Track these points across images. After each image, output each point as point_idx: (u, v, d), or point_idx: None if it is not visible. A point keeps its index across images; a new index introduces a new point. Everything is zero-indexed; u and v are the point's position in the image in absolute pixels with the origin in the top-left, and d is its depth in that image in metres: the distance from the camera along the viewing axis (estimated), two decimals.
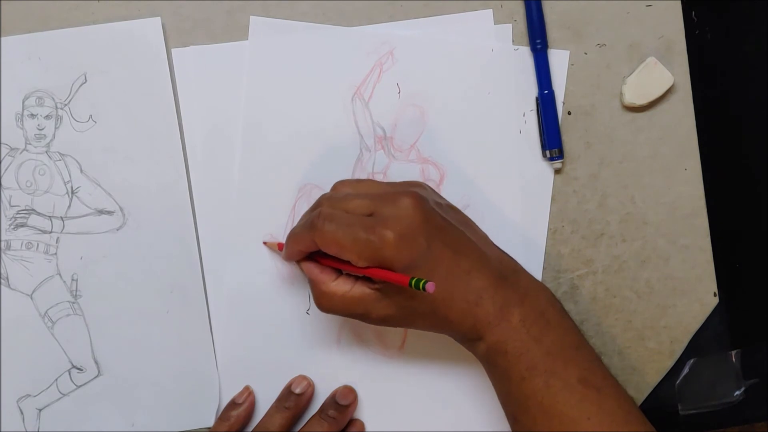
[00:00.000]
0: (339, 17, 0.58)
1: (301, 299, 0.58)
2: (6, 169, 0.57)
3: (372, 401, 0.58)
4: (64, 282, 0.57)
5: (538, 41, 0.57)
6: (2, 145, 0.57)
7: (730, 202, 0.59)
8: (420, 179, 0.58)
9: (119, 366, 0.57)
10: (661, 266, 0.59)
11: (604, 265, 0.59)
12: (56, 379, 0.57)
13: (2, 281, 0.57)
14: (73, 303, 0.57)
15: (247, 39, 0.57)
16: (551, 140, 0.57)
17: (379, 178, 0.58)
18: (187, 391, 0.58)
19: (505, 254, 0.54)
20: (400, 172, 0.58)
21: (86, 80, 0.57)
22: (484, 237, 0.54)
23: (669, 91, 0.58)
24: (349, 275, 0.51)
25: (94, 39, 0.57)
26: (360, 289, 0.51)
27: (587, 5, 0.58)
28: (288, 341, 0.58)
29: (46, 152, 0.57)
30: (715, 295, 0.59)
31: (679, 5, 0.58)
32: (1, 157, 0.57)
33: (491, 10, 0.58)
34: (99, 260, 0.57)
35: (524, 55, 0.58)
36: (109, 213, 0.57)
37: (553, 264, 0.59)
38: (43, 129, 0.57)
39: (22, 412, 0.57)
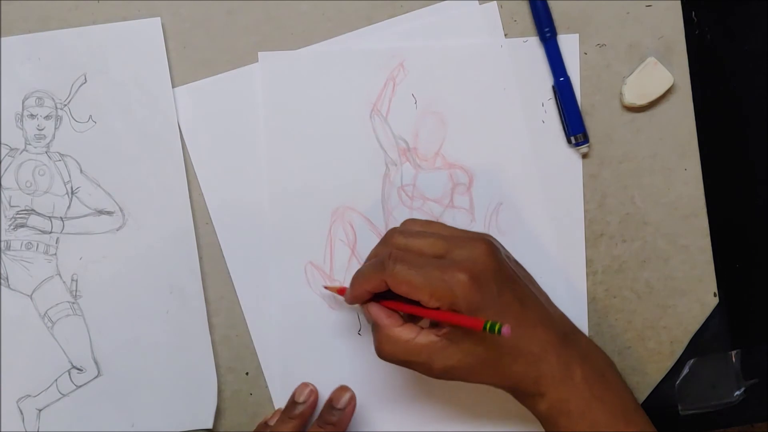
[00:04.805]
0: (339, 17, 0.58)
1: (352, 322, 0.58)
2: (6, 170, 0.57)
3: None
4: (64, 282, 0.57)
5: (547, 29, 0.57)
6: (2, 145, 0.57)
7: (730, 202, 0.59)
8: (449, 184, 0.58)
9: (119, 366, 0.57)
10: (661, 266, 0.59)
11: (604, 265, 0.59)
12: (56, 380, 0.57)
13: (2, 281, 0.57)
14: (73, 303, 0.57)
15: (246, 36, 0.58)
16: (574, 126, 0.57)
17: (409, 189, 0.58)
18: (186, 391, 0.58)
19: (564, 315, 0.54)
20: (428, 181, 0.58)
21: (86, 80, 0.57)
22: (545, 295, 0.54)
23: (669, 91, 0.58)
24: (414, 325, 0.51)
25: (94, 39, 0.57)
26: (426, 337, 0.50)
27: (587, 5, 0.58)
28: (335, 364, 0.58)
29: (46, 152, 0.57)
30: (715, 295, 0.59)
31: (679, 5, 0.58)
32: (1, 158, 0.57)
33: (495, 2, 0.58)
34: (99, 260, 0.57)
35: (534, 47, 0.58)
36: (109, 213, 0.57)
37: None
38: (43, 129, 0.57)
39: (22, 413, 0.57)
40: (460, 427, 0.58)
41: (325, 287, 0.58)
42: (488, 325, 0.44)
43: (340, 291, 0.56)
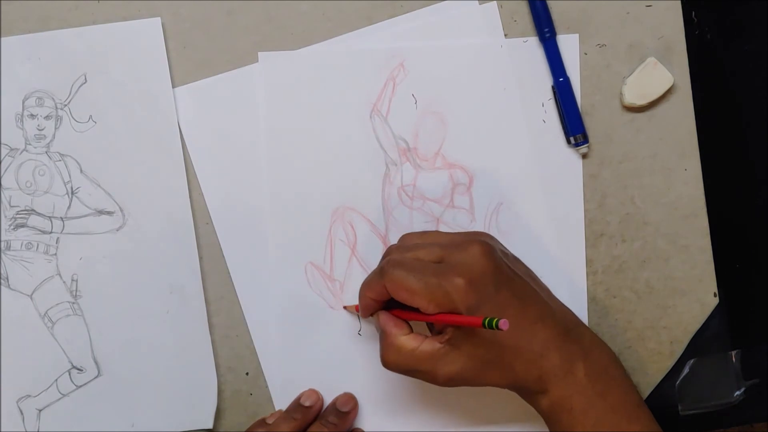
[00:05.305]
0: (339, 17, 0.58)
1: (352, 322, 0.58)
2: (6, 170, 0.57)
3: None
4: (64, 282, 0.57)
5: (546, 30, 0.57)
6: (2, 145, 0.57)
7: (730, 202, 0.59)
8: (449, 184, 0.58)
9: (119, 366, 0.57)
10: (661, 266, 0.59)
11: (604, 265, 0.59)
12: (56, 380, 0.57)
13: (2, 281, 0.57)
14: (73, 303, 0.57)
15: (246, 36, 0.58)
16: (573, 126, 0.57)
17: (409, 189, 0.58)
18: (186, 391, 0.58)
19: (567, 308, 0.54)
20: (428, 181, 0.58)
21: (86, 80, 0.57)
22: (547, 290, 0.54)
23: (669, 91, 0.58)
24: (418, 334, 0.51)
25: (94, 39, 0.57)
26: (429, 345, 0.50)
27: (587, 5, 0.58)
28: (336, 364, 0.58)
29: (46, 152, 0.57)
30: (715, 295, 0.59)
31: (679, 5, 0.58)
32: (1, 158, 0.57)
33: (495, 2, 0.58)
34: (99, 260, 0.57)
35: (533, 47, 0.58)
36: (109, 213, 0.57)
37: None
38: (43, 129, 0.57)
39: (22, 413, 0.57)
40: (462, 426, 0.58)
41: (345, 307, 0.58)
42: (486, 321, 0.45)
43: (357, 308, 0.55)
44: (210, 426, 0.58)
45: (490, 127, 0.58)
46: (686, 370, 0.59)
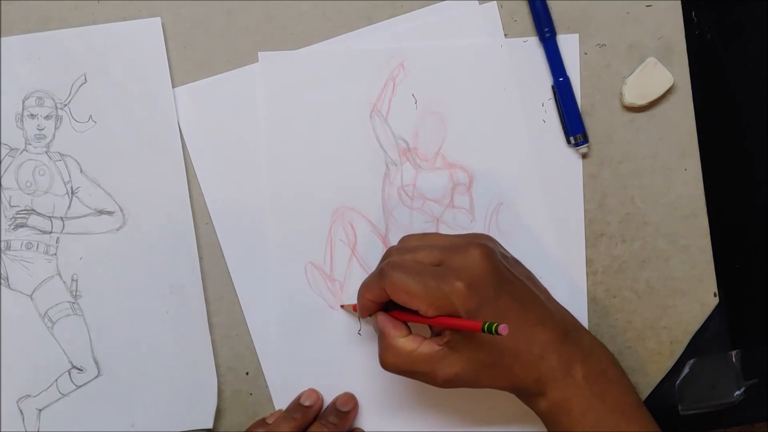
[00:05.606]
0: (339, 17, 0.58)
1: (352, 322, 0.58)
2: (6, 170, 0.57)
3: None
4: (64, 282, 0.57)
5: (546, 30, 0.57)
6: (2, 145, 0.57)
7: (730, 202, 0.59)
8: (449, 184, 0.58)
9: (119, 366, 0.57)
10: (661, 266, 0.59)
11: (604, 265, 0.59)
12: (56, 380, 0.57)
13: (2, 281, 0.57)
14: (73, 303, 0.57)
15: (246, 36, 0.58)
16: (573, 126, 0.57)
17: (409, 189, 0.58)
18: (186, 391, 0.58)
19: (566, 310, 0.54)
20: (428, 181, 0.58)
21: (86, 80, 0.57)
22: (546, 292, 0.54)
23: (669, 91, 0.58)
24: (417, 335, 0.51)
25: (94, 39, 0.57)
26: (428, 347, 0.50)
27: (587, 5, 0.58)
28: (335, 364, 0.58)
29: (46, 152, 0.57)
30: (715, 295, 0.59)
31: (679, 5, 0.58)
32: (1, 157, 0.57)
33: (495, 2, 0.58)
34: (99, 260, 0.57)
35: (533, 47, 0.58)
36: (109, 213, 0.57)
37: None
38: (43, 129, 0.57)
39: (22, 413, 0.57)
40: (461, 426, 0.58)
41: (342, 306, 0.58)
42: (486, 326, 0.45)
43: (354, 308, 0.56)
44: (210, 426, 0.58)
45: (490, 127, 0.58)
46: (686, 370, 0.59)
